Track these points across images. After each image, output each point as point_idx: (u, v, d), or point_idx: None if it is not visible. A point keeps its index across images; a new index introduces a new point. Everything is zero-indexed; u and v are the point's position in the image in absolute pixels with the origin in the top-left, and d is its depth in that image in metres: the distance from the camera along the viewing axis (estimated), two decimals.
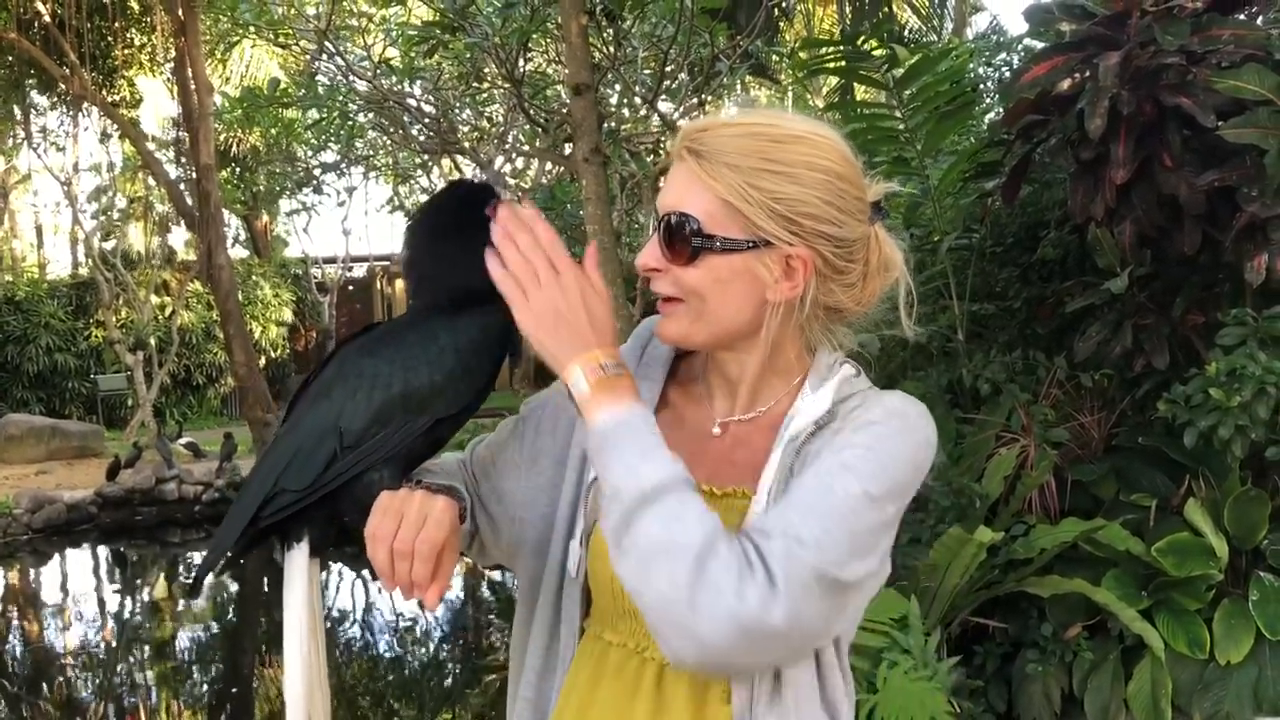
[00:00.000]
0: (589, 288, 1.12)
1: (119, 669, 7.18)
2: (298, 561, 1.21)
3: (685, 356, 1.31)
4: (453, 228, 1.26)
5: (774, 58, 7.02)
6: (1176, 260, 3.73)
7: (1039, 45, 4.03)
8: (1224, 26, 3.36)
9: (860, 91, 6.34)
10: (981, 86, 5.76)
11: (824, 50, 5.01)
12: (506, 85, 5.39)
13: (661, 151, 6.59)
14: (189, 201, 13.46)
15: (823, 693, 1.14)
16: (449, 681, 6.90)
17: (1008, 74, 5.64)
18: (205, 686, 6.87)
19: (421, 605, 1.14)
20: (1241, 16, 3.67)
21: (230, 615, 8.61)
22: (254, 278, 18.28)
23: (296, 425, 1.21)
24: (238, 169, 17.77)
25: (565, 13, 3.70)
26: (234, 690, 6.71)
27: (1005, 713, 3.71)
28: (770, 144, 1.12)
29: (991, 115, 5.67)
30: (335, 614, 8.17)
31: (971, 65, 5.60)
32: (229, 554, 1.20)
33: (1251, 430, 3.25)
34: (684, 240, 1.13)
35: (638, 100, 6.07)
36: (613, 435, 1.06)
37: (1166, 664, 3.40)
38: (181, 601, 8.92)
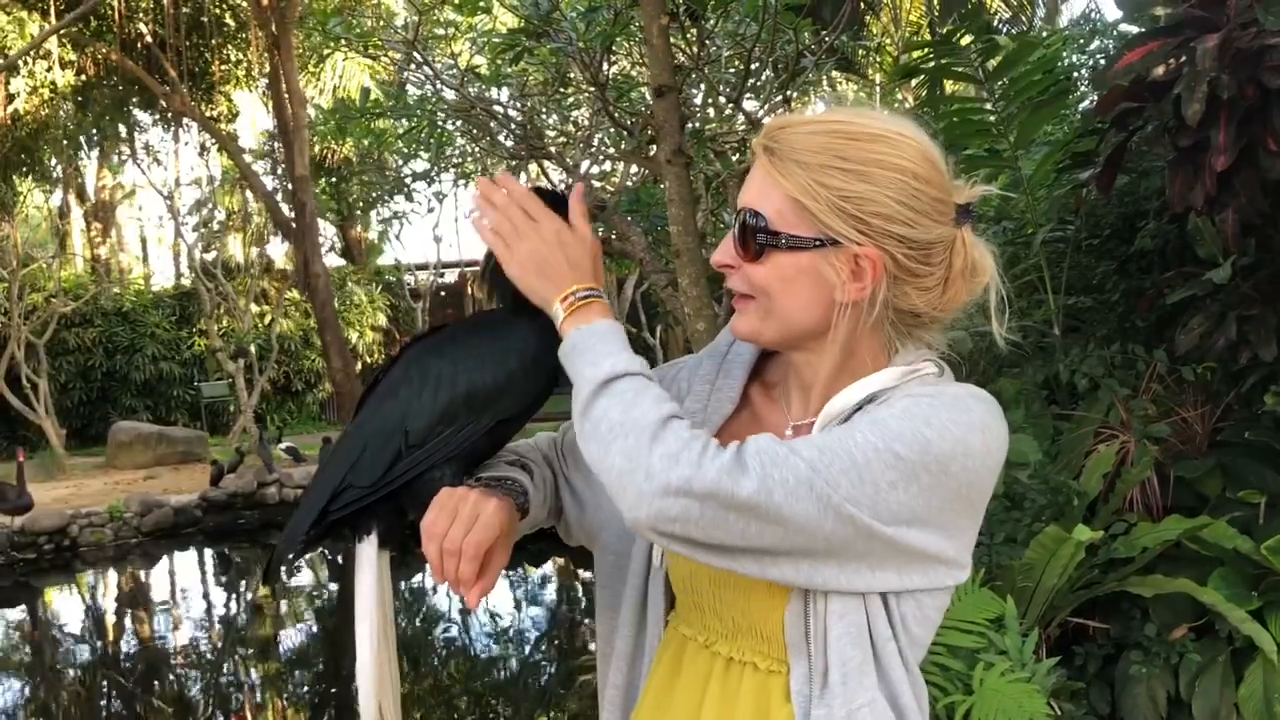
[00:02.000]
0: (565, 231, 1.19)
1: (225, 666, 7.38)
2: (367, 554, 1.26)
3: (772, 357, 1.30)
4: None
5: (860, 52, 6.94)
6: None
7: (1134, 31, 3.93)
8: None
9: (949, 85, 6.24)
10: (1075, 75, 5.62)
11: (918, 52, 4.94)
12: (591, 89, 5.42)
13: (747, 151, 6.57)
14: (285, 212, 13.81)
15: (880, 679, 1.10)
16: (544, 680, 6.96)
17: (1102, 61, 5.50)
18: (305, 685, 7.03)
19: (463, 601, 1.17)
20: None
21: (330, 615, 8.80)
22: (349, 285, 18.69)
23: (365, 423, 1.25)
24: (332, 179, 18.17)
25: (647, 14, 3.71)
26: (333, 690, 6.86)
27: (1109, 715, 3.62)
28: (844, 141, 1.11)
29: (1086, 104, 5.54)
30: (422, 614, 8.30)
31: (1065, 53, 5.47)
32: (301, 544, 1.25)
33: None
34: (752, 237, 1.14)
35: (722, 99, 6.06)
36: (581, 343, 1.12)
37: (1278, 667, 3.29)
38: (267, 592, 9.15)
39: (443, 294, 20.86)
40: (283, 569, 9.95)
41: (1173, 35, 3.40)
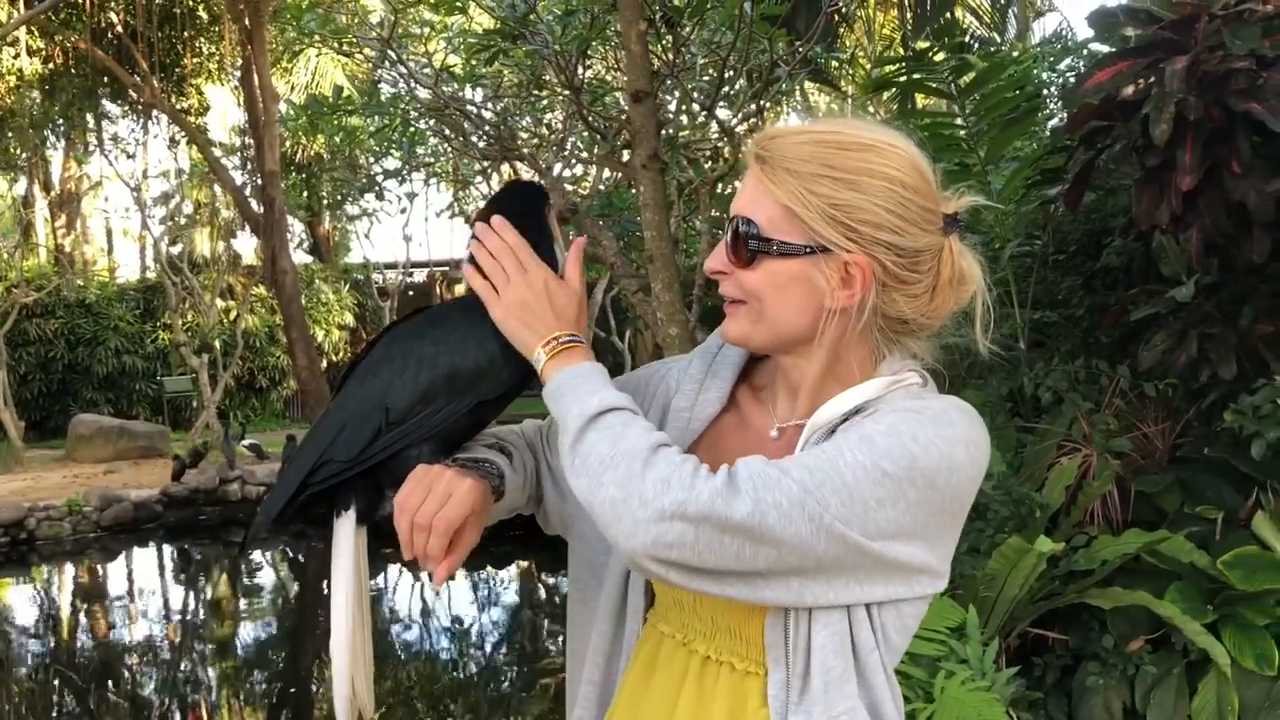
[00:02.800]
0: (553, 281, 1.23)
1: (182, 664, 7.31)
2: (344, 529, 1.28)
3: (760, 361, 1.32)
4: (518, 223, 1.31)
5: (834, 64, 6.99)
6: (1244, 268, 3.66)
7: (1104, 50, 3.98)
8: None
9: (921, 99, 6.30)
10: (1046, 92, 5.69)
11: (890, 66, 4.99)
12: (566, 92, 5.43)
13: (720, 158, 6.59)
14: (254, 207, 13.71)
15: (861, 687, 1.12)
16: (505, 684, 6.94)
17: (1072, 79, 5.57)
18: (263, 683, 6.97)
19: (430, 577, 1.19)
20: None
21: (291, 613, 8.74)
22: (316, 282, 18.56)
23: (346, 400, 1.27)
24: (302, 175, 18.06)
25: (625, 20, 3.72)
26: (291, 690, 6.81)
27: None
28: (834, 151, 1.13)
29: (1055, 121, 5.61)
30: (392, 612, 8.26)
31: (1036, 71, 5.54)
32: (279, 518, 1.27)
33: None
34: (744, 243, 1.16)
35: (695, 107, 6.08)
36: (565, 383, 1.14)
37: (1233, 680, 3.34)
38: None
39: (411, 293, 20.78)
40: (265, 544, 9.89)
41: (1142, 56, 3.45)
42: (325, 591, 9.26)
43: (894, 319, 1.17)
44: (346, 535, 1.27)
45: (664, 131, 5.06)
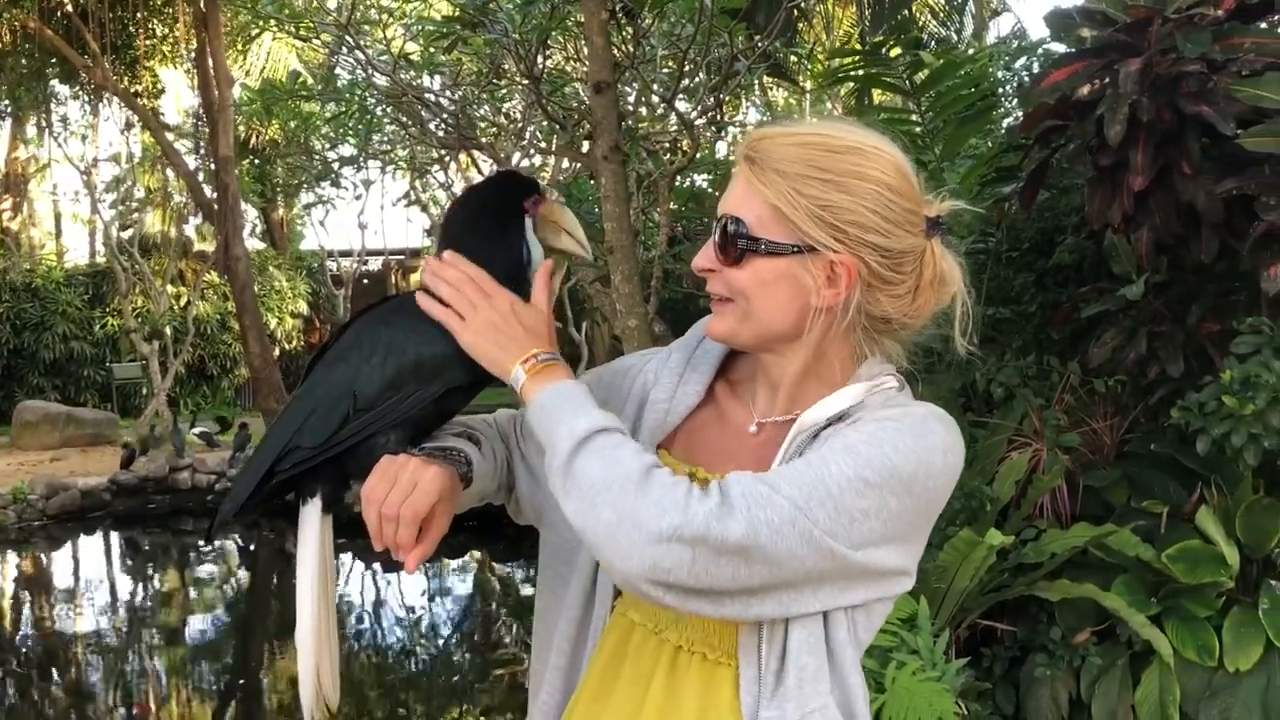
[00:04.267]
0: (518, 303, 1.24)
1: (128, 654, 7.22)
2: (310, 517, 1.27)
3: (740, 356, 1.33)
4: (490, 214, 1.32)
5: (793, 59, 7.01)
6: (1193, 268, 3.72)
7: (1060, 50, 4.03)
8: (1245, 35, 3.36)
9: (877, 95, 6.34)
10: (1001, 91, 5.74)
11: (845, 60, 5.02)
12: (525, 82, 5.40)
13: (679, 151, 6.60)
14: (207, 193, 13.53)
15: (835, 682, 1.14)
16: (457, 677, 6.92)
17: (1027, 79, 5.63)
18: (211, 674, 6.91)
19: (400, 566, 1.20)
20: (1263, 25, 3.66)
21: (240, 604, 8.66)
22: (270, 269, 18.35)
23: (314, 386, 1.26)
24: (256, 161, 17.84)
25: (587, 10, 3.72)
26: (241, 681, 6.75)
27: (1013, 716, 3.71)
28: (822, 153, 1.15)
29: (1010, 120, 5.66)
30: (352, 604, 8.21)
31: (991, 69, 5.60)
32: (244, 504, 1.26)
33: (1264, 438, 3.24)
34: (733, 242, 1.17)
35: (655, 99, 6.08)
36: (549, 403, 1.15)
37: (1175, 671, 3.41)
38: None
39: (366, 282, 20.59)
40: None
41: (1097, 57, 3.50)
42: (275, 582, 9.20)
43: (877, 318, 1.19)
44: (312, 524, 1.27)
45: (624, 123, 5.06)
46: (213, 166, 12.95)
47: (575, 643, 1.28)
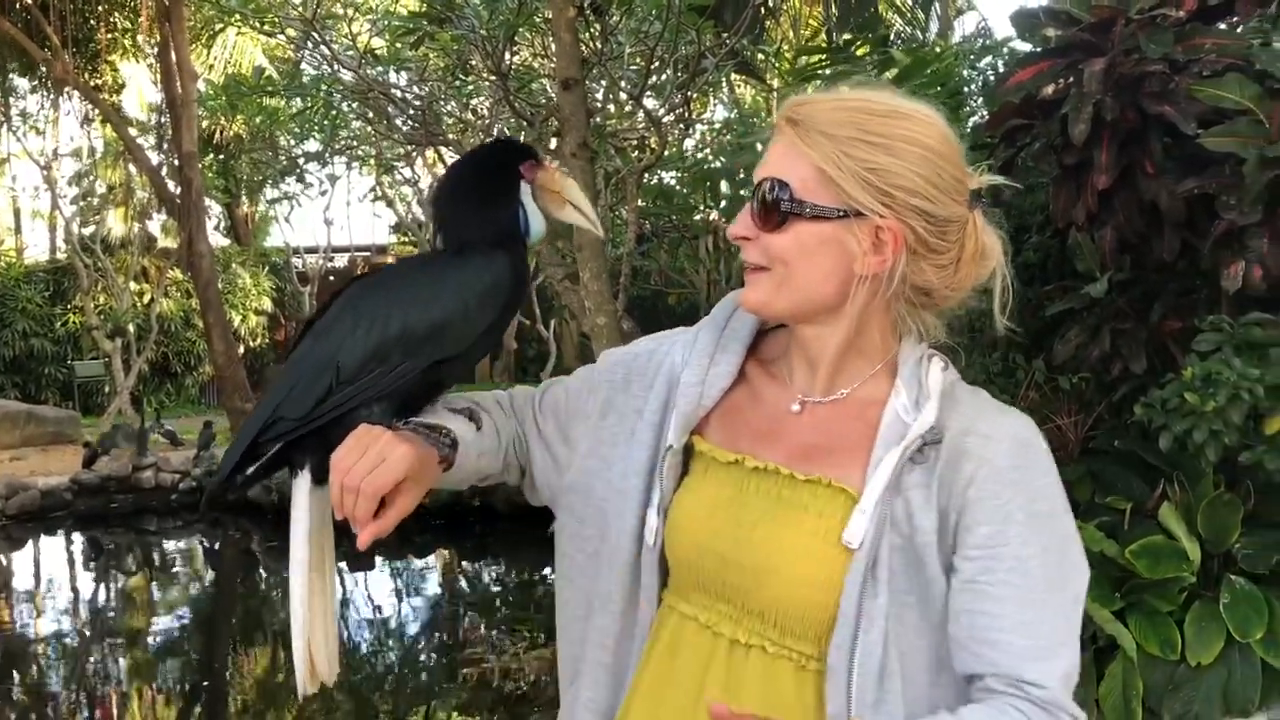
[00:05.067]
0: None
1: (91, 656, 7.14)
2: (301, 491, 1.25)
3: (768, 334, 1.30)
4: (481, 179, 1.29)
5: (760, 57, 7.03)
6: (1155, 266, 3.76)
7: (1025, 49, 4.05)
8: (1206, 36, 3.39)
9: None
10: (966, 89, 5.78)
11: (813, 58, 5.03)
12: (493, 78, 5.39)
13: (647, 148, 6.60)
14: (171, 188, 13.39)
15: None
16: (425, 676, 6.90)
17: (992, 77, 5.67)
18: (177, 675, 6.84)
19: (354, 540, 1.17)
20: (1222, 26, 3.70)
21: (204, 604, 8.59)
22: (234, 266, 18.19)
23: (299, 358, 1.25)
24: (220, 156, 17.68)
25: (555, 6, 3.71)
26: (205, 682, 6.69)
27: None
28: (868, 116, 1.13)
29: (976, 118, 5.70)
30: None
31: (958, 68, 5.63)
32: (230, 475, 1.25)
33: (1225, 435, 3.27)
34: (775, 206, 1.14)
35: (623, 96, 6.08)
36: None
37: (1138, 665, 3.44)
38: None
39: (332, 278, 20.47)
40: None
41: (1062, 57, 3.52)
42: (240, 581, 9.13)
43: (919, 289, 1.16)
44: (302, 497, 1.25)
45: (592, 120, 5.05)
46: (176, 162, 12.82)
47: (620, 638, 1.24)
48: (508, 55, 5.17)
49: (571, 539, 1.30)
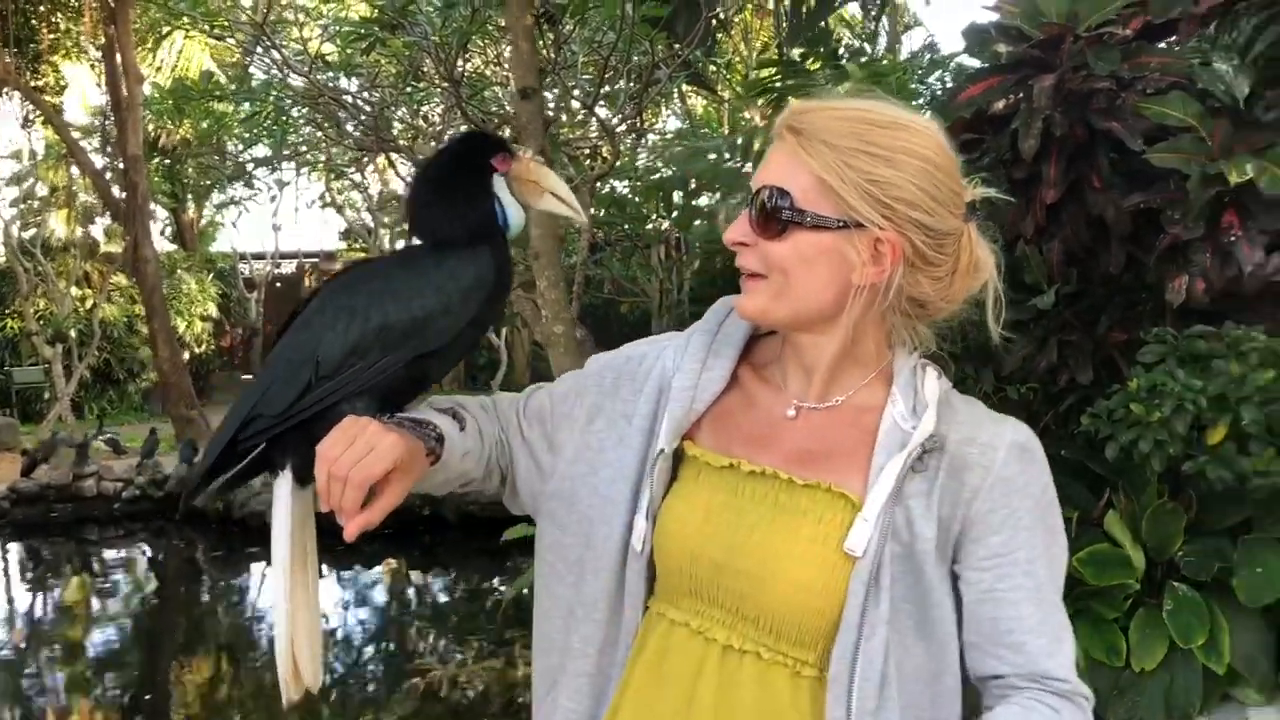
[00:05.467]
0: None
1: (29, 669, 6.98)
2: (282, 490, 1.23)
3: (762, 338, 1.30)
4: (452, 175, 1.28)
5: (712, 68, 7.07)
6: (1102, 279, 3.82)
7: (973, 65, 4.11)
8: (1152, 54, 3.46)
9: None
10: (916, 104, 5.85)
11: (765, 71, 5.06)
12: (445, 85, 5.37)
13: (600, 157, 6.61)
14: (115, 192, 13.17)
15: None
16: (372, 686, 6.83)
17: (940, 92, 5.74)
18: (118, 688, 6.71)
19: (341, 531, 1.14)
20: (1163, 45, 3.78)
21: (146, 615, 8.43)
22: (179, 271, 17.90)
23: (278, 354, 1.23)
24: (166, 161, 17.42)
25: (511, 15, 3.71)
26: (148, 696, 6.57)
27: None
28: (870, 127, 1.13)
29: None
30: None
31: (907, 83, 5.69)
32: (208, 475, 1.23)
33: (1170, 445, 3.33)
34: (774, 214, 1.14)
35: (576, 105, 6.08)
36: None
37: (1085, 671, 3.48)
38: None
39: (279, 285, 20.23)
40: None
41: (1012, 73, 3.58)
42: (183, 592, 8.98)
43: (915, 301, 1.17)
44: (284, 497, 1.23)
45: (547, 129, 5.05)
46: (121, 165, 12.62)
47: (603, 647, 1.23)
48: (461, 62, 5.15)
49: (552, 546, 1.28)
